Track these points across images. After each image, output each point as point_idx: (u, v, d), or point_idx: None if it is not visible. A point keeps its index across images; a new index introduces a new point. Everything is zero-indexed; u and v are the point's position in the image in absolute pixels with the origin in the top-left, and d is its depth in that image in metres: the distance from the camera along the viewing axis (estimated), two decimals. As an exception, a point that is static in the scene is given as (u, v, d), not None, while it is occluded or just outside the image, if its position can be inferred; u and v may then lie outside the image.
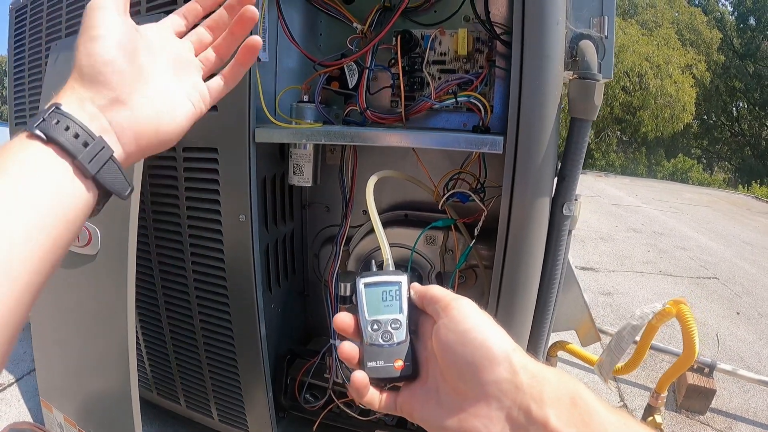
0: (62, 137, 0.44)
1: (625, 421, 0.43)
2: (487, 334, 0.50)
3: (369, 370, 0.54)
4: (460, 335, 0.50)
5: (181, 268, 1.34)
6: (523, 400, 0.46)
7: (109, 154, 0.47)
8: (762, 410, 2.35)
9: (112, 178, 0.48)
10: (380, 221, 0.66)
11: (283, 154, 1.34)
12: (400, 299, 0.58)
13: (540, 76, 0.95)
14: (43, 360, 1.54)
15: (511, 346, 0.49)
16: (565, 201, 1.03)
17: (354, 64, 1.18)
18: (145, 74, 0.52)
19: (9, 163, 0.41)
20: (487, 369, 0.48)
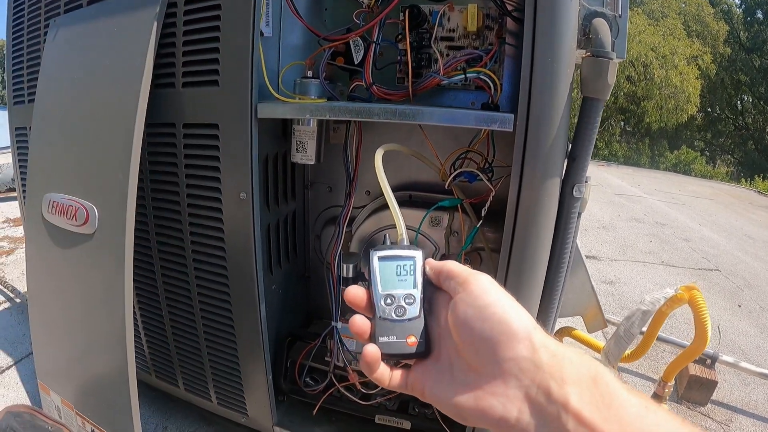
0: None
1: (646, 404, 0.42)
2: (508, 309, 0.48)
3: (381, 344, 0.53)
4: (478, 310, 0.49)
5: (180, 248, 1.32)
6: (543, 378, 0.45)
7: None
8: (762, 403, 2.34)
9: None
10: (393, 195, 0.63)
11: (285, 132, 1.31)
12: (414, 274, 0.56)
13: (552, 53, 0.92)
14: (40, 342, 1.53)
15: (532, 324, 0.48)
16: (575, 182, 1.01)
17: (360, 39, 1.15)
18: None
19: None
20: (506, 345, 0.47)
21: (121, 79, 1.21)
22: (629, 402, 0.42)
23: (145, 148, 1.26)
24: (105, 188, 1.24)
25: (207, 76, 1.16)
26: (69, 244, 1.33)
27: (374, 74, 1.16)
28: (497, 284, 0.52)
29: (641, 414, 0.41)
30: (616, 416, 0.41)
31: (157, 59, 1.19)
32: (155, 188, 1.32)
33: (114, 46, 1.25)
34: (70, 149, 1.34)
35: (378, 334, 0.53)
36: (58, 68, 1.40)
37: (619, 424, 0.41)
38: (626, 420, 0.41)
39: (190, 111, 1.20)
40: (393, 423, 1.40)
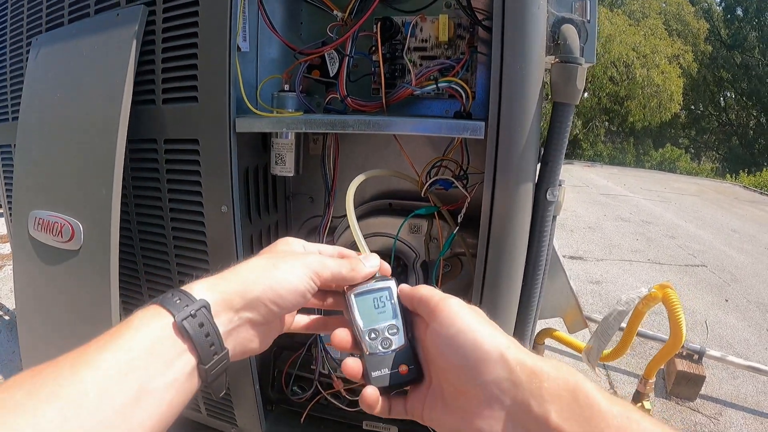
0: (200, 342, 0.47)
1: (627, 414, 0.42)
2: (477, 334, 0.49)
3: (374, 380, 0.53)
4: (450, 339, 0.50)
5: (165, 261, 1.33)
6: (523, 397, 0.46)
7: (227, 365, 0.51)
8: (751, 396, 2.37)
9: (219, 383, 0.51)
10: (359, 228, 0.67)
11: (265, 145, 1.33)
12: (392, 303, 0.57)
13: (521, 60, 0.94)
14: (30, 360, 1.53)
15: (504, 343, 0.48)
16: (548, 186, 1.02)
17: (335, 52, 1.17)
18: None
19: (146, 345, 0.45)
20: (483, 370, 0.48)
21: (103, 96, 1.22)
22: (610, 414, 0.42)
23: (128, 164, 1.27)
24: (89, 204, 1.25)
25: (186, 92, 1.17)
26: (55, 261, 1.34)
27: (350, 86, 1.18)
28: (466, 306, 0.53)
29: (623, 426, 0.41)
30: (597, 431, 0.42)
31: (138, 76, 1.20)
32: (139, 203, 1.33)
33: (95, 64, 1.25)
34: (55, 166, 1.35)
35: (370, 369, 0.54)
36: (41, 86, 1.41)
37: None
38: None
39: (171, 127, 1.21)
40: (380, 428, 1.42)
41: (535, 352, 0.49)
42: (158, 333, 0.46)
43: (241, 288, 0.52)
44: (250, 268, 0.54)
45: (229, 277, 0.53)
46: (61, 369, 0.41)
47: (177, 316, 0.46)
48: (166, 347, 0.46)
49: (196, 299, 0.49)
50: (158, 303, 0.48)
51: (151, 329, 0.46)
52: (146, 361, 0.44)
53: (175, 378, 0.46)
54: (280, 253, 0.59)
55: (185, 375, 0.47)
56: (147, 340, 0.45)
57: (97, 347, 0.43)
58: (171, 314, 0.47)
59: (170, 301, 0.48)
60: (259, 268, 0.54)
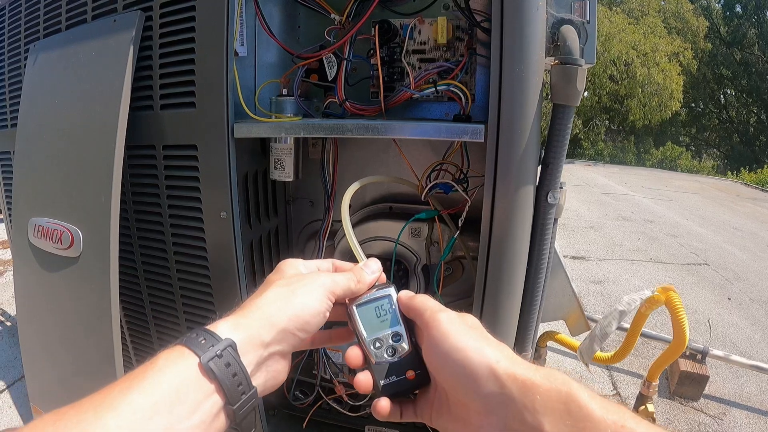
0: (227, 383, 0.47)
1: (622, 422, 0.42)
2: (467, 352, 0.49)
3: (384, 388, 0.54)
4: (443, 357, 0.51)
5: (165, 267, 1.33)
6: (516, 411, 0.46)
7: (256, 404, 0.50)
8: (755, 395, 2.36)
9: (248, 422, 0.50)
10: (355, 236, 0.67)
11: (264, 150, 1.32)
12: (393, 311, 0.58)
13: (521, 62, 0.93)
14: (31, 365, 1.53)
15: (494, 357, 0.49)
16: (549, 189, 1.02)
17: (333, 55, 1.16)
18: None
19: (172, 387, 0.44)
20: (474, 387, 0.48)
21: (101, 102, 1.22)
22: (604, 424, 0.42)
23: (126, 170, 1.27)
24: (89, 211, 1.25)
25: (183, 98, 1.17)
26: (55, 268, 1.33)
27: (348, 90, 1.17)
28: (457, 320, 0.53)
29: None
30: None
31: (135, 82, 1.20)
32: (138, 209, 1.32)
33: (93, 70, 1.25)
34: (54, 173, 1.35)
35: (378, 378, 0.55)
36: (39, 93, 1.41)
37: None
38: None
39: (169, 132, 1.21)
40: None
41: (538, 356, 0.49)
42: (183, 374, 0.45)
43: (267, 322, 0.52)
44: (269, 300, 0.54)
45: (252, 314, 0.52)
46: (85, 413, 0.40)
47: (202, 357, 0.46)
48: (192, 389, 0.45)
49: (221, 338, 0.48)
50: (183, 344, 0.48)
51: (176, 371, 0.45)
52: (171, 404, 0.43)
53: (202, 420, 0.45)
54: (291, 278, 0.58)
55: (212, 416, 0.46)
56: (172, 382, 0.44)
57: (121, 390, 0.43)
58: (196, 355, 0.46)
59: (195, 342, 0.47)
60: (279, 298, 0.54)
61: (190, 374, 0.45)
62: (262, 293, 0.55)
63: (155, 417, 0.42)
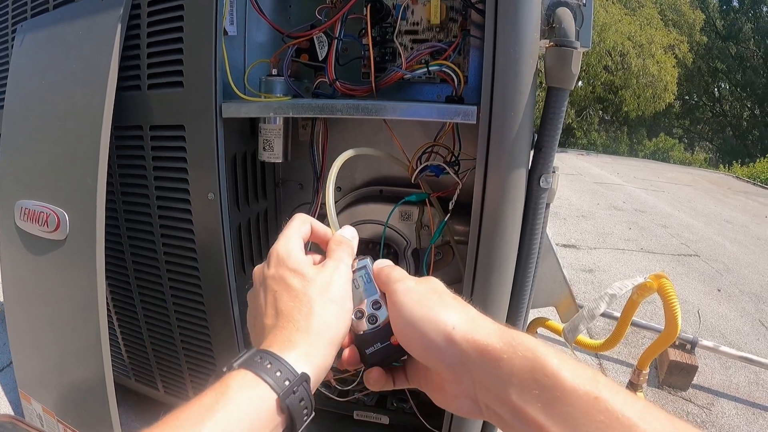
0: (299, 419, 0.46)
1: (597, 394, 0.39)
2: (420, 324, 0.48)
3: (370, 356, 0.53)
4: (401, 331, 0.51)
5: (153, 250, 1.31)
6: (480, 380, 0.45)
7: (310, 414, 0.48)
8: (743, 386, 2.37)
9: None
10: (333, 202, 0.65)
11: (254, 131, 1.30)
12: (370, 280, 0.57)
13: (515, 44, 0.91)
14: (19, 351, 1.52)
15: (450, 323, 0.47)
16: (542, 173, 1.01)
17: (324, 35, 1.14)
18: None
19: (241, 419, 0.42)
20: (437, 357, 0.48)
21: (87, 82, 1.20)
22: (575, 395, 0.39)
23: (113, 152, 1.26)
24: (75, 193, 1.23)
25: (171, 77, 1.15)
26: (42, 251, 1.32)
27: (339, 70, 1.15)
28: (413, 288, 0.52)
29: (590, 410, 0.38)
30: (561, 414, 0.39)
31: (123, 61, 1.18)
32: (125, 191, 1.31)
33: (80, 50, 1.23)
34: (40, 155, 1.33)
35: (363, 348, 0.54)
36: (26, 73, 1.38)
37: (566, 422, 0.39)
38: (573, 417, 0.39)
39: (157, 113, 1.19)
40: (372, 419, 1.41)
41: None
42: (259, 408, 0.44)
43: (329, 347, 0.50)
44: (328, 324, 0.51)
45: (318, 342, 0.49)
46: None
47: (282, 394, 0.44)
48: (265, 421, 0.44)
49: (296, 372, 0.46)
50: (254, 371, 0.45)
51: (251, 403, 0.44)
52: None
53: None
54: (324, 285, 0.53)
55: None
56: (247, 416, 0.43)
57: (192, 421, 0.41)
58: (273, 390, 0.44)
59: (269, 372, 0.45)
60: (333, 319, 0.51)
61: (266, 408, 0.44)
62: (312, 312, 0.51)
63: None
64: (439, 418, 1.22)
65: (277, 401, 0.44)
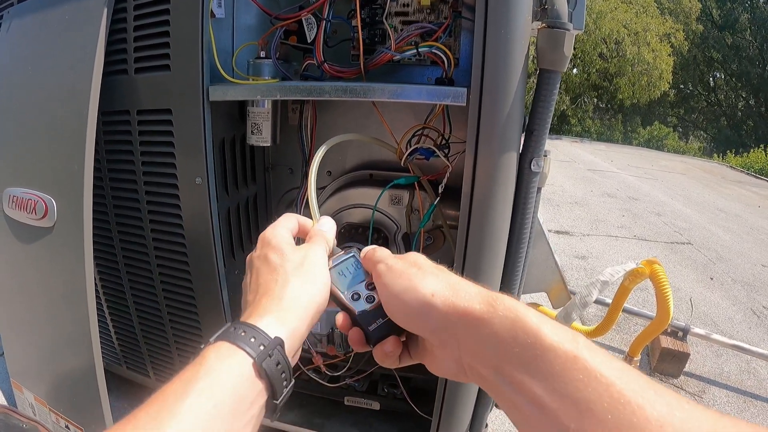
0: (277, 383, 0.47)
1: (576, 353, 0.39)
2: (404, 294, 0.51)
3: (373, 332, 0.55)
4: (389, 305, 0.53)
5: (141, 236, 1.30)
6: (462, 341, 0.47)
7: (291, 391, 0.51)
8: (734, 374, 2.39)
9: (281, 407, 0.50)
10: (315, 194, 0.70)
11: (242, 115, 1.29)
12: (360, 266, 0.60)
13: (506, 24, 0.90)
14: (10, 340, 1.50)
15: (429, 290, 0.49)
16: (533, 156, 1.00)
17: (312, 17, 1.12)
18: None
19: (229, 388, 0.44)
20: (422, 325, 0.50)
21: (74, 67, 1.18)
22: (554, 353, 0.40)
23: (101, 137, 1.24)
24: (62, 180, 1.22)
25: (158, 60, 1.13)
26: (30, 239, 1.30)
27: (327, 52, 1.13)
28: (391, 266, 0.54)
29: (569, 367, 0.39)
30: (541, 371, 0.40)
31: (109, 45, 1.16)
32: (113, 177, 1.29)
33: (66, 35, 1.21)
34: (28, 142, 1.31)
35: (367, 326, 0.55)
36: (12, 60, 1.36)
37: (545, 378, 0.39)
38: (552, 373, 0.39)
39: (144, 97, 1.18)
40: (362, 404, 1.41)
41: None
42: (239, 375, 0.45)
43: (303, 315, 0.52)
44: (301, 292, 0.54)
45: (292, 308, 0.52)
46: (144, 426, 0.39)
47: (257, 357, 0.46)
48: (246, 389, 0.45)
49: (269, 337, 0.48)
50: (230, 341, 0.47)
51: (231, 371, 0.45)
52: (231, 405, 0.43)
53: (252, 416, 0.46)
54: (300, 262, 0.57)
55: (260, 410, 0.47)
56: (229, 383, 0.44)
57: (176, 395, 0.42)
58: (249, 355, 0.46)
59: (241, 338, 0.47)
60: (306, 288, 0.54)
61: (245, 374, 0.45)
62: (287, 282, 0.54)
63: (217, 419, 0.42)
64: (430, 404, 1.22)
65: (254, 365, 0.45)
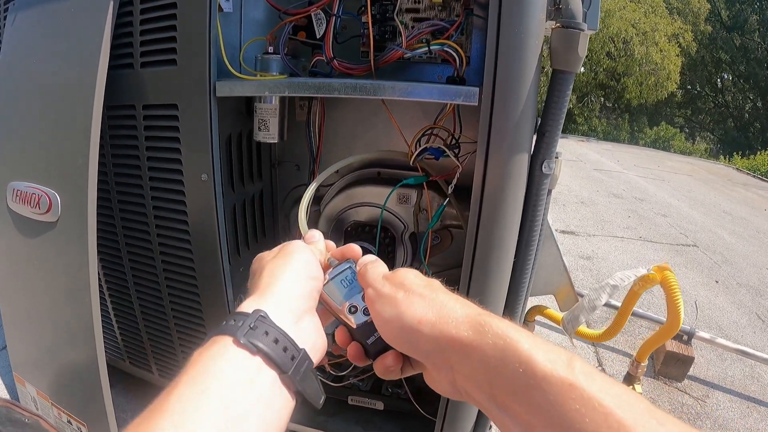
0: (272, 351, 0.45)
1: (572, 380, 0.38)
2: (393, 323, 0.50)
3: (371, 346, 0.55)
4: (381, 330, 0.52)
5: (146, 232, 1.29)
6: (456, 367, 0.46)
7: (310, 366, 0.48)
8: (739, 379, 2.37)
9: (312, 390, 0.48)
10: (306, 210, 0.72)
11: (249, 111, 1.27)
12: (356, 279, 0.59)
13: (520, 23, 0.88)
14: (13, 334, 1.50)
15: (417, 318, 0.48)
16: (544, 158, 0.98)
17: (321, 12, 1.10)
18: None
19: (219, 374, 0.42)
20: (412, 349, 0.50)
21: (79, 61, 1.17)
22: (548, 382, 0.39)
23: (106, 132, 1.23)
24: (66, 174, 1.21)
25: (164, 55, 1.12)
26: (34, 234, 1.29)
27: (337, 48, 1.12)
28: (381, 292, 0.53)
29: (565, 396, 0.38)
30: (536, 401, 0.39)
31: (115, 39, 1.15)
32: (118, 172, 1.28)
33: (71, 28, 1.20)
34: (32, 136, 1.30)
35: (363, 339, 0.55)
36: (18, 53, 1.35)
37: (541, 409, 0.38)
38: (548, 401, 0.38)
39: (150, 91, 1.17)
40: (366, 404, 1.40)
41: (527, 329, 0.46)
42: (224, 356, 0.44)
43: (285, 285, 0.52)
44: (276, 268, 0.54)
45: (269, 282, 0.52)
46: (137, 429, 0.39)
47: (237, 334, 0.44)
48: (239, 368, 0.43)
49: (248, 313, 0.47)
50: (214, 334, 0.46)
51: (214, 355, 0.44)
52: (221, 387, 0.41)
53: (260, 395, 0.43)
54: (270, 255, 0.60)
55: (269, 388, 0.44)
56: (214, 366, 0.43)
57: (168, 392, 0.41)
58: (229, 336, 0.44)
59: (225, 327, 0.46)
60: (279, 260, 0.55)
61: (230, 354, 0.43)
62: (264, 270, 0.55)
63: (208, 403, 0.40)
64: (434, 405, 1.21)
65: (234, 342, 0.44)
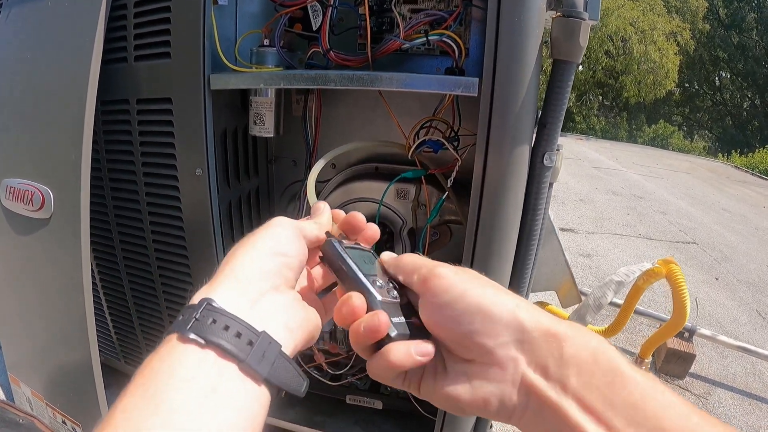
0: (223, 339, 0.40)
1: (652, 384, 0.38)
2: (483, 298, 0.44)
3: (396, 326, 0.46)
4: (450, 307, 0.45)
5: (140, 228, 1.27)
6: (539, 360, 0.41)
7: (276, 348, 0.43)
8: (740, 376, 2.36)
9: (286, 376, 0.44)
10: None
11: (245, 105, 1.25)
12: (376, 263, 0.53)
13: (520, 12, 0.86)
14: (7, 332, 1.48)
15: (514, 303, 0.44)
16: (546, 150, 0.96)
17: (318, 3, 1.08)
18: None
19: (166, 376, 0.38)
20: (492, 335, 0.43)
21: (72, 56, 1.15)
22: (633, 381, 0.38)
23: (99, 127, 1.21)
24: (59, 170, 1.19)
25: (159, 48, 1.10)
26: (27, 231, 1.27)
27: (333, 40, 1.10)
28: (461, 270, 0.47)
29: (648, 395, 0.37)
30: (621, 399, 0.38)
31: (108, 33, 1.12)
32: (112, 167, 1.26)
33: (65, 22, 1.18)
34: (26, 132, 1.28)
35: (390, 316, 0.46)
36: (11, 48, 1.33)
37: (625, 407, 0.37)
38: (631, 402, 0.37)
39: (144, 85, 1.15)
40: (364, 403, 1.38)
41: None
42: (171, 354, 0.39)
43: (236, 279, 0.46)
44: (233, 256, 0.48)
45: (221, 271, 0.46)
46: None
47: (177, 328, 0.40)
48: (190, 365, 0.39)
49: (193, 305, 0.42)
50: (165, 335, 0.42)
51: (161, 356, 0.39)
52: (175, 389, 0.37)
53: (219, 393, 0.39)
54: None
55: (230, 382, 0.40)
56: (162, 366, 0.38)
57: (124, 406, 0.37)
58: (177, 333, 0.40)
59: (173, 325, 0.41)
60: (237, 248, 0.49)
61: (178, 352, 0.39)
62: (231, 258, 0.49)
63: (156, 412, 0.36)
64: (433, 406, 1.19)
65: (179, 338, 0.40)
